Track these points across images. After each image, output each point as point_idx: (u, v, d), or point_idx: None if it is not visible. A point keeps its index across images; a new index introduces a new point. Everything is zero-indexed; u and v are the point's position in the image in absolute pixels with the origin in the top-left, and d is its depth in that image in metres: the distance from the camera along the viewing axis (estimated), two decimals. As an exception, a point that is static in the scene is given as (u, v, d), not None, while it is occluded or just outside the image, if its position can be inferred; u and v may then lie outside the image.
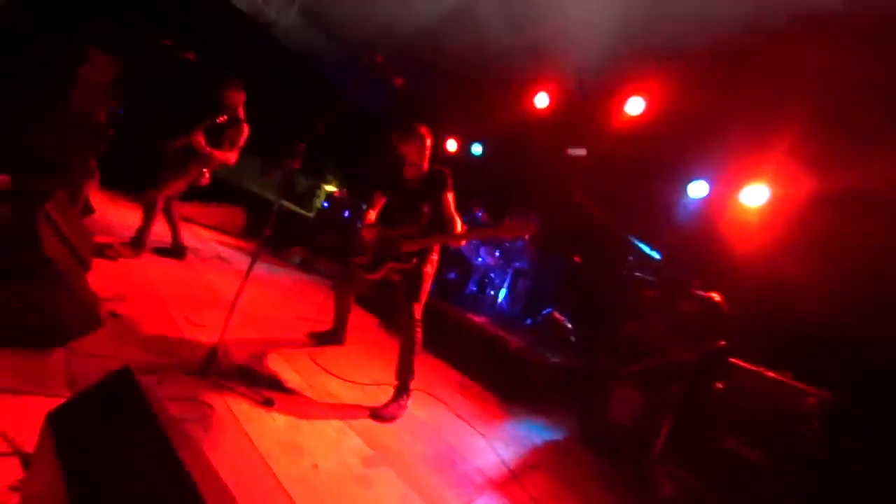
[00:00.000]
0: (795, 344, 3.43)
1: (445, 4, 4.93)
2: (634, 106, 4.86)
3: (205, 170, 3.69)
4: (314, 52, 6.60)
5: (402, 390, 2.71)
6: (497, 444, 2.81)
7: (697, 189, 4.86)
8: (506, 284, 5.36)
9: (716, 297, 3.48)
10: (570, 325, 4.90)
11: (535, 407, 3.79)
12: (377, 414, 2.54)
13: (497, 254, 5.53)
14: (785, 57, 3.73)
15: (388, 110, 6.87)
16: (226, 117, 3.76)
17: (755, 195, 4.32)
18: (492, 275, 5.46)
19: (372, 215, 3.03)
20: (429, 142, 2.87)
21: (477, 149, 6.93)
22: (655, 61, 4.45)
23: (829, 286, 3.76)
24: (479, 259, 5.46)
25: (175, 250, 3.86)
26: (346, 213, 6.89)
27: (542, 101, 5.55)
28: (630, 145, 5.12)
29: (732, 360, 2.98)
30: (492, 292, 5.40)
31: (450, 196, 2.80)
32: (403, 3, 5.24)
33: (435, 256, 2.87)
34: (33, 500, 0.95)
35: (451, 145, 7.07)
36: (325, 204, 7.28)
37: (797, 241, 4.04)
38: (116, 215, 4.42)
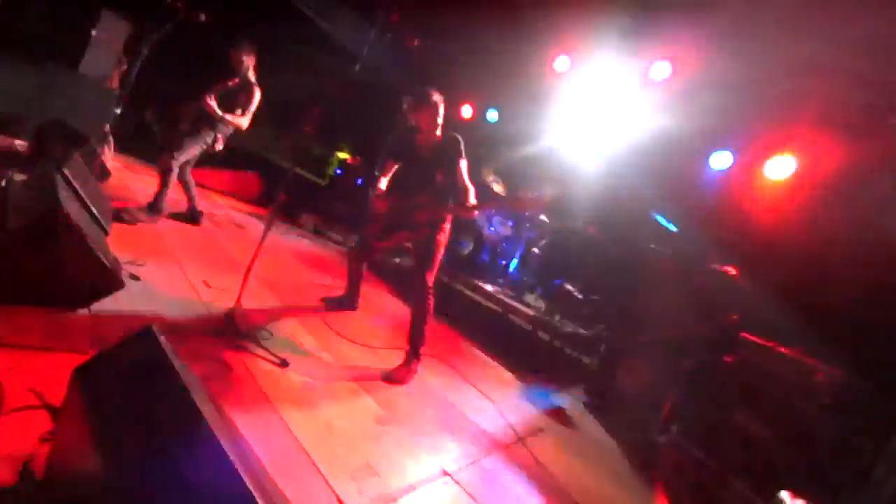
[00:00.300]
0: (816, 321, 3.38)
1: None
2: (660, 71, 4.65)
3: (218, 135, 3.69)
4: (328, 13, 6.40)
5: (413, 355, 2.77)
6: (505, 409, 2.89)
7: (720, 160, 4.69)
8: (518, 254, 5.35)
9: (731, 270, 3.43)
10: (581, 296, 4.90)
11: (543, 374, 3.86)
12: (389, 376, 2.62)
13: (510, 223, 5.49)
14: (814, 20, 3.50)
15: (404, 73, 6.68)
16: (238, 80, 3.71)
17: (781, 167, 4.16)
18: (504, 244, 5.44)
19: (383, 182, 3.01)
20: (441, 109, 2.80)
21: (493, 115, 6.75)
22: (683, 24, 4.21)
23: (854, 264, 3.65)
24: (492, 228, 5.43)
25: (191, 215, 3.91)
26: (360, 181, 6.87)
27: (562, 64, 5.34)
28: (652, 112, 4.93)
29: (744, 334, 2.96)
30: (503, 261, 5.40)
31: (463, 164, 2.76)
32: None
33: (447, 225, 2.86)
34: (62, 451, 1.01)
35: (467, 111, 6.90)
36: (339, 171, 7.26)
37: (823, 216, 3.91)
38: (132, 180, 4.48)
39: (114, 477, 0.76)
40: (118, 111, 3.37)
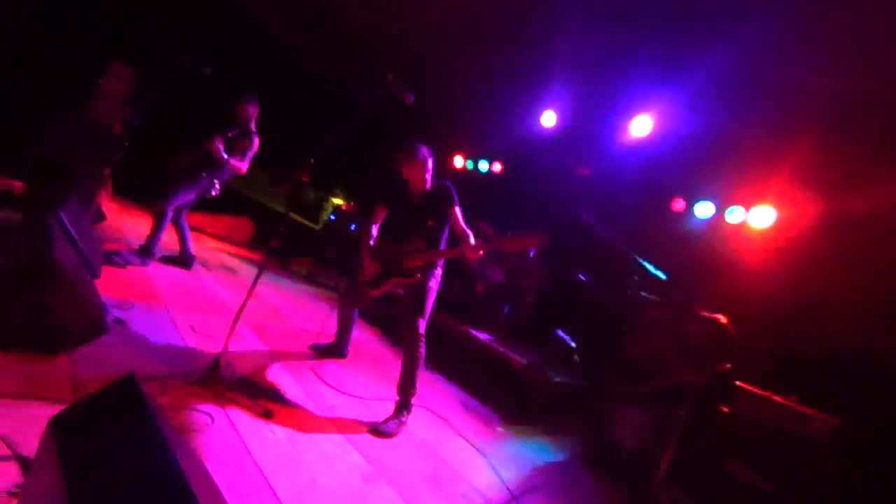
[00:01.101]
0: (804, 368, 3.38)
1: (450, 19, 5.01)
2: (642, 125, 4.90)
3: (215, 180, 3.75)
4: (327, 66, 6.74)
5: (403, 406, 2.69)
6: (497, 464, 2.77)
7: (703, 209, 4.85)
8: (510, 302, 5.34)
9: (722, 318, 3.45)
10: (574, 345, 4.85)
11: (537, 427, 3.74)
12: (378, 429, 2.52)
13: (502, 271, 5.52)
14: (791, 79, 3.75)
15: (398, 125, 6.96)
16: (237, 131, 3.83)
17: (762, 217, 4.32)
18: (497, 292, 5.44)
19: (374, 229, 3.05)
20: (430, 163, 2.90)
21: (484, 165, 6.99)
22: (663, 82, 4.49)
23: (837, 309, 3.71)
24: (485, 275, 5.46)
25: (183, 259, 3.89)
26: (353, 227, 6.94)
27: (548, 119, 5.62)
28: (637, 164, 5.15)
29: (738, 383, 2.94)
30: (496, 310, 5.37)
31: (458, 210, 2.81)
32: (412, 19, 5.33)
33: (439, 271, 2.87)
34: (32, 506, 0.94)
35: (458, 161, 7.13)
36: (333, 216, 7.34)
37: (805, 264, 4.01)
38: (127, 223, 4.48)
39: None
40: (119, 156, 3.44)
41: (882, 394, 3.13)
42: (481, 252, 2.56)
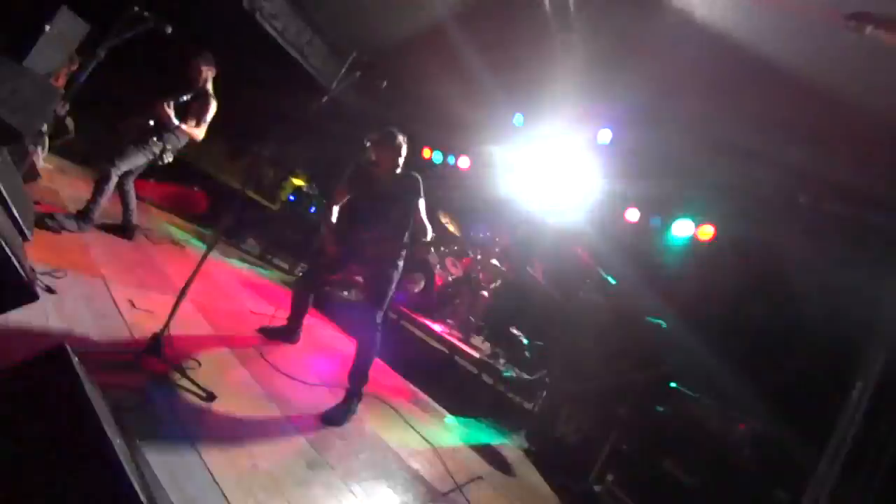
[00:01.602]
0: (732, 371, 3.64)
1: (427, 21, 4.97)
2: (604, 136, 5.08)
3: (167, 146, 3.52)
4: (297, 40, 6.48)
5: (353, 394, 2.67)
6: (444, 454, 2.81)
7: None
8: (466, 296, 5.40)
9: (662, 324, 3.66)
10: (525, 340, 4.98)
11: (485, 420, 3.82)
12: (326, 416, 2.49)
13: (459, 265, 5.57)
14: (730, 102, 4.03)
15: (369, 110, 6.82)
16: (191, 95, 3.59)
17: (700, 231, 4.60)
18: (454, 285, 5.49)
19: (334, 212, 2.98)
20: (404, 150, 2.87)
21: (452, 159, 6.98)
22: (622, 94, 4.68)
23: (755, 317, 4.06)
24: (442, 268, 5.49)
25: (124, 228, 3.63)
26: (313, 209, 6.75)
27: (518, 120, 5.71)
28: (598, 172, 5.33)
29: (673, 385, 3.13)
30: (452, 303, 5.42)
31: (422, 203, 2.80)
32: (393, 14, 5.25)
33: (400, 262, 2.86)
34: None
35: (428, 152, 7.09)
36: (292, 197, 7.10)
37: (744, 277, 4.33)
38: (65, 186, 4.13)
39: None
40: (58, 111, 3.15)
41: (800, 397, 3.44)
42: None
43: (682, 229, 4.77)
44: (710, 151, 4.44)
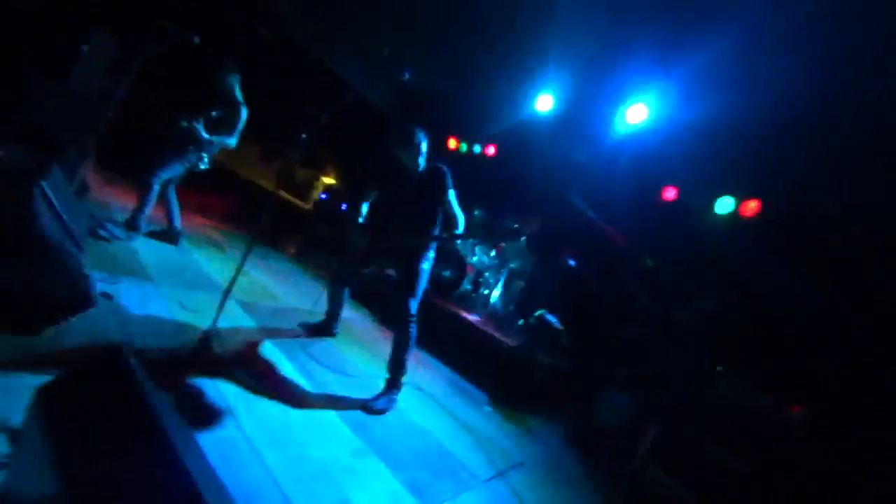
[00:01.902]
0: (785, 356, 3.46)
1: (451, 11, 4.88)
2: (637, 113, 4.86)
3: (204, 154, 3.67)
4: (321, 40, 6.55)
5: (393, 384, 2.72)
6: (484, 441, 2.83)
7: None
8: (500, 284, 5.38)
9: (708, 307, 3.52)
10: (561, 327, 4.92)
11: (523, 406, 3.81)
12: (367, 406, 2.55)
13: (492, 253, 5.54)
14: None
15: (394, 104, 6.83)
16: (223, 103, 3.71)
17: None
18: (486, 274, 5.47)
19: (365, 208, 3.02)
20: (424, 147, 2.85)
21: (480, 148, 6.92)
22: (656, 69, 4.44)
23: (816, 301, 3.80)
24: (475, 258, 5.47)
25: (170, 234, 3.83)
26: (344, 206, 6.87)
27: (544, 103, 5.55)
28: (632, 152, 5.13)
29: (720, 369, 3.01)
30: (486, 291, 5.41)
31: (452, 193, 2.79)
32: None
33: (431, 253, 2.86)
34: (20, 475, 0.94)
35: (453, 142, 7.05)
36: (324, 196, 7.26)
37: (791, 257, 4.07)
38: (112, 196, 4.38)
39: (73, 506, 0.71)
40: (102, 127, 3.33)
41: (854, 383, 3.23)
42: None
43: (724, 206, 4.54)
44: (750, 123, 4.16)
